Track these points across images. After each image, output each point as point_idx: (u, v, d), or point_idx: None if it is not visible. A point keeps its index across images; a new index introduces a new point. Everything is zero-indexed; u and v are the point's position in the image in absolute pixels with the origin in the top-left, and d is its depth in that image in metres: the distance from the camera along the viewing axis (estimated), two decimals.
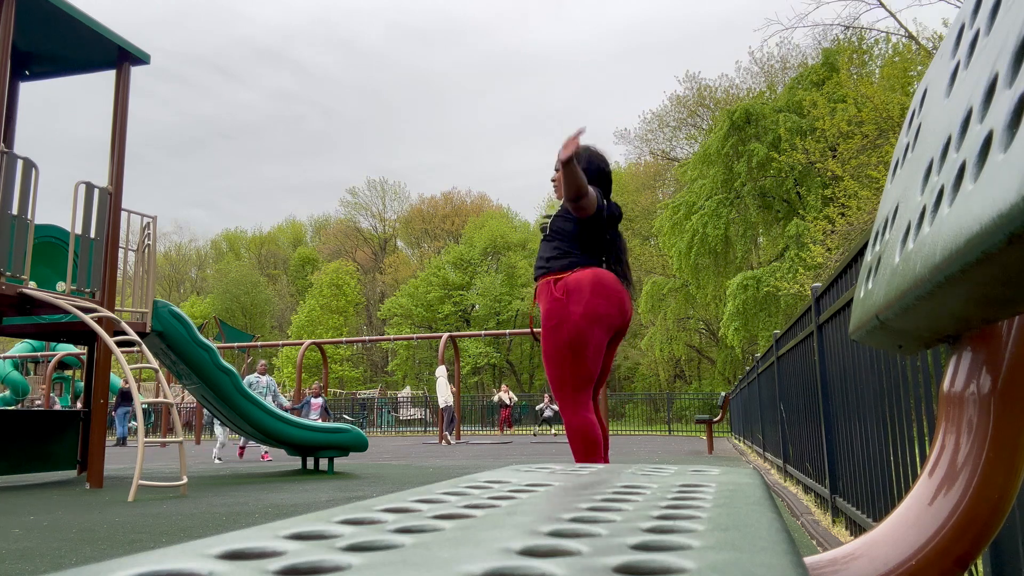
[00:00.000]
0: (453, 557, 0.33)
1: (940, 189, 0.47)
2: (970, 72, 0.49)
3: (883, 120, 17.54)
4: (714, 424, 12.75)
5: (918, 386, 2.29)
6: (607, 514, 0.45)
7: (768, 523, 0.42)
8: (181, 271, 59.56)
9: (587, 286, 3.12)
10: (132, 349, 7.45)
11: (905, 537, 0.57)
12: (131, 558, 0.33)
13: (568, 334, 3.09)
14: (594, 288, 3.13)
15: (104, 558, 2.98)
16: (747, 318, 23.50)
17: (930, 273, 0.44)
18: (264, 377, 11.53)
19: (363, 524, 0.42)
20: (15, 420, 8.09)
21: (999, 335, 0.55)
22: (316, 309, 45.99)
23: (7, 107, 7.62)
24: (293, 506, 5.35)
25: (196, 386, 8.50)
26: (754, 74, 31.06)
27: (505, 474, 0.75)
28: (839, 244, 17.12)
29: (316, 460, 9.16)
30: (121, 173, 7.82)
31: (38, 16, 7.29)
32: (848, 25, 22.33)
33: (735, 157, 24.94)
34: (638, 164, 40.25)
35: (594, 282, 3.14)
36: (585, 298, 3.11)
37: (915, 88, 5.49)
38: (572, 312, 3.10)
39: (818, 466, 4.62)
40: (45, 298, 6.53)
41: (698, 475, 0.71)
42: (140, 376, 19.32)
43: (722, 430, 21.44)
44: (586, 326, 3.09)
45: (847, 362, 3.49)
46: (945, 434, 0.59)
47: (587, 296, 3.11)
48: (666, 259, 30.69)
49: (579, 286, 3.14)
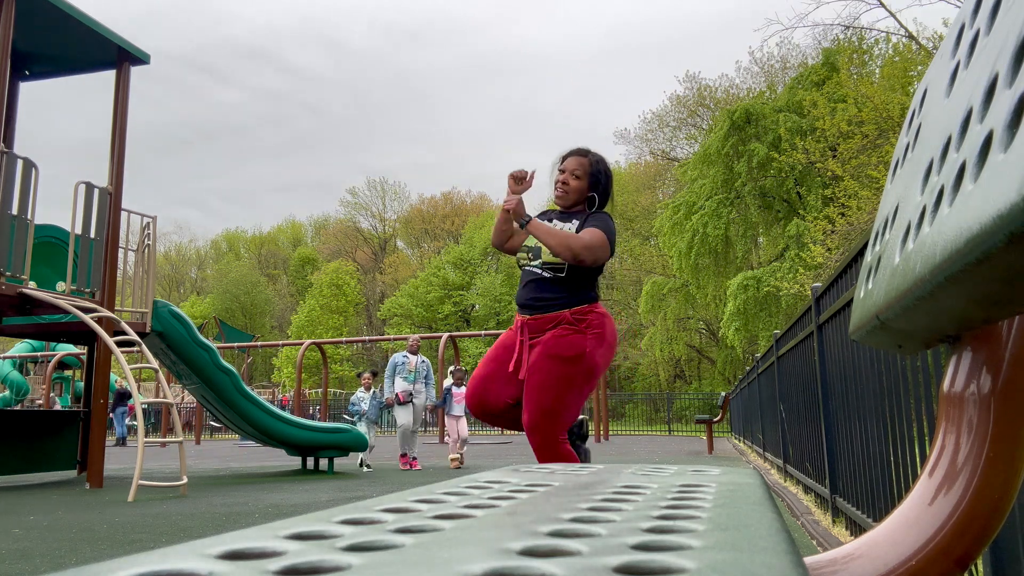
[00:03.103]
0: (453, 557, 0.33)
1: (940, 189, 0.47)
2: (970, 72, 0.49)
3: (883, 120, 17.54)
4: (714, 424, 12.75)
5: (918, 386, 2.29)
6: (607, 514, 0.45)
7: (768, 523, 0.42)
8: (181, 271, 59.56)
9: (609, 333, 3.12)
10: (132, 349, 7.45)
11: (905, 537, 0.57)
12: (131, 558, 0.33)
13: (585, 369, 3.04)
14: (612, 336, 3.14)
15: (104, 558, 2.98)
16: (747, 318, 23.50)
17: (930, 273, 0.44)
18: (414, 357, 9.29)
19: (363, 524, 0.42)
20: (15, 420, 8.09)
21: (999, 335, 0.55)
22: (316, 309, 45.99)
23: (7, 107, 7.62)
24: (293, 506, 5.35)
25: (196, 386, 8.50)
26: (754, 74, 31.09)
27: (505, 474, 0.75)
28: (839, 244, 17.11)
29: (316, 460, 9.16)
30: (121, 173, 7.82)
31: (38, 16, 7.29)
32: (848, 25, 22.35)
33: (735, 157, 24.94)
34: (638, 164, 40.26)
35: (612, 330, 3.15)
36: (607, 342, 3.10)
37: (915, 88, 5.49)
38: (593, 351, 3.06)
39: (818, 466, 4.62)
40: (45, 298, 6.53)
41: (698, 475, 0.71)
42: (140, 376, 19.31)
43: (722, 430, 21.43)
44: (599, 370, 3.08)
45: (847, 362, 3.49)
46: (945, 434, 0.59)
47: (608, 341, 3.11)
48: (666, 259, 30.69)
49: (602, 328, 3.11)
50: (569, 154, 3.32)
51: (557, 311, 3.09)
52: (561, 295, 3.11)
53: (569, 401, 3.05)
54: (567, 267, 3.12)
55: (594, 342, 3.06)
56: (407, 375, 9.09)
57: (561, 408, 3.04)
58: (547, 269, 3.14)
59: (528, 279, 3.18)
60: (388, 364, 9.27)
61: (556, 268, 3.14)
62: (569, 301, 3.11)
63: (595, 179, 3.27)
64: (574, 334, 3.06)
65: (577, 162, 3.27)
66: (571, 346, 3.05)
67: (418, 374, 9.17)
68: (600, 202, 3.29)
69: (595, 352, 3.06)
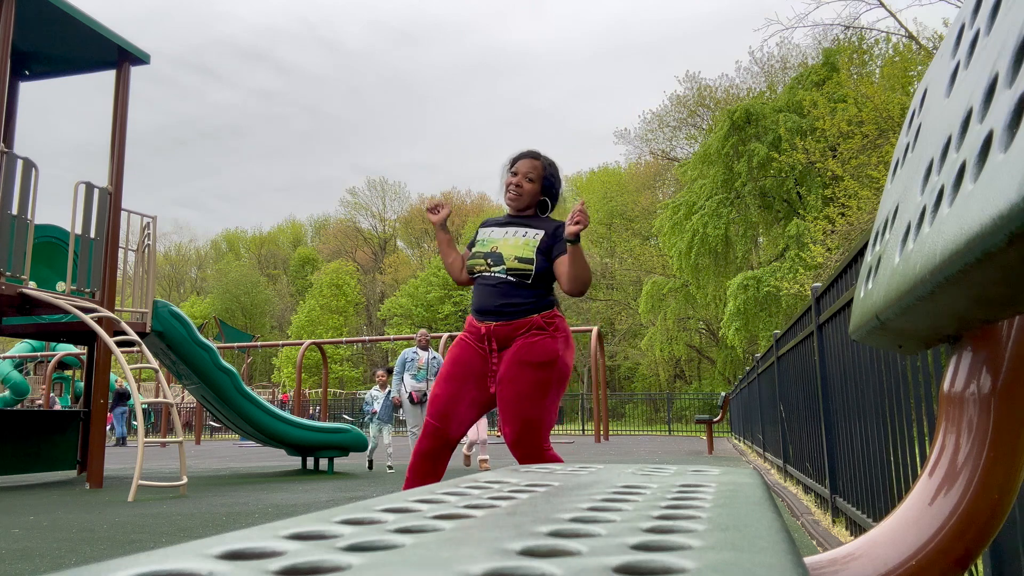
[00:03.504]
0: (453, 557, 0.33)
1: (940, 189, 0.47)
2: (970, 72, 0.49)
3: (883, 120, 17.54)
4: (714, 424, 12.75)
5: (918, 386, 2.29)
6: (607, 514, 0.45)
7: (768, 523, 0.42)
8: (181, 271, 59.58)
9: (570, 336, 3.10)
10: (132, 349, 7.45)
11: (905, 537, 0.57)
12: (131, 558, 0.33)
13: (559, 374, 3.01)
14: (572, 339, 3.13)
15: (104, 558, 2.98)
16: (747, 318, 23.51)
17: (930, 273, 0.44)
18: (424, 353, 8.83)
19: (363, 524, 0.42)
20: (15, 420, 8.09)
21: (999, 335, 0.55)
22: (316, 309, 46.01)
23: (7, 107, 7.62)
24: (293, 506, 5.35)
25: (196, 386, 8.50)
26: (754, 74, 31.10)
27: (505, 474, 0.75)
28: (839, 244, 17.12)
29: (316, 460, 9.16)
30: (121, 173, 7.82)
31: (38, 16, 7.29)
32: (848, 25, 22.34)
33: (735, 157, 24.95)
34: (638, 164, 40.28)
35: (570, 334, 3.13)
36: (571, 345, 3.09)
37: (915, 88, 5.50)
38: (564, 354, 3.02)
39: (818, 466, 4.62)
40: (45, 298, 6.53)
41: (698, 475, 0.71)
42: (140, 376, 19.31)
43: (722, 430, 21.44)
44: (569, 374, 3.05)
45: (847, 362, 3.49)
46: (945, 434, 0.59)
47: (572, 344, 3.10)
48: (666, 259, 30.70)
49: (567, 332, 3.08)
50: (520, 156, 3.25)
51: (527, 316, 3.02)
52: (530, 300, 3.05)
53: (548, 407, 2.99)
54: (533, 273, 3.06)
55: (563, 345, 3.03)
56: (416, 372, 8.66)
57: (543, 415, 2.98)
58: (512, 275, 3.06)
59: (490, 285, 3.08)
60: (397, 360, 8.86)
61: (522, 274, 3.06)
62: (538, 305, 3.05)
63: (548, 183, 3.23)
64: (546, 339, 3.00)
65: (530, 165, 3.20)
66: (544, 351, 2.99)
67: (429, 371, 8.66)
68: (552, 206, 3.26)
69: (566, 355, 3.03)
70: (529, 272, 3.04)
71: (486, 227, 3.25)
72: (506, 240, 3.12)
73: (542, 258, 3.07)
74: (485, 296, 3.06)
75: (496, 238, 3.16)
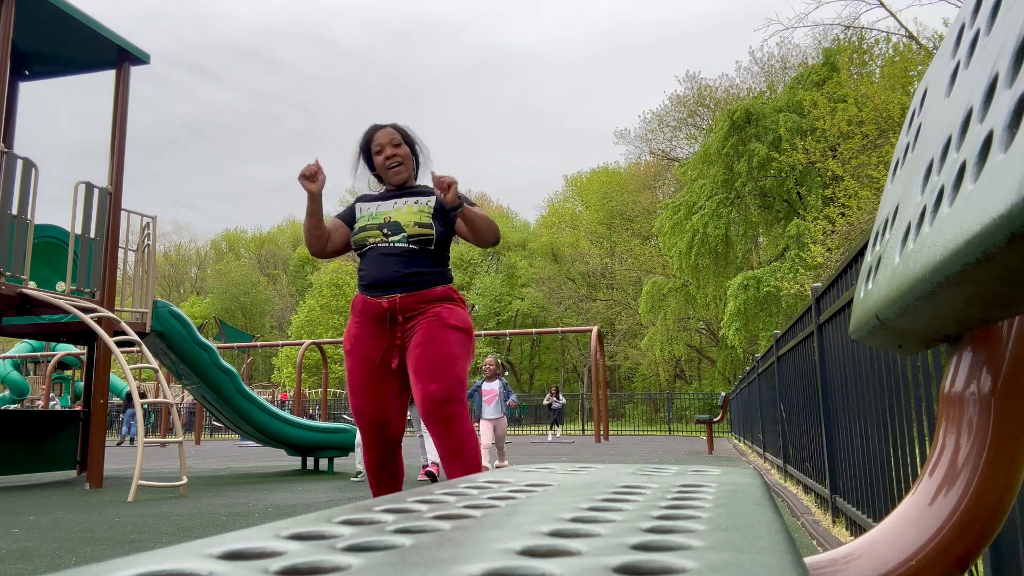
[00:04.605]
0: (453, 557, 0.33)
1: (940, 189, 0.47)
2: (970, 72, 0.49)
3: (883, 120, 17.54)
4: (714, 424, 12.74)
5: (918, 386, 2.29)
6: (607, 514, 0.45)
7: (768, 523, 0.42)
8: (181, 271, 59.56)
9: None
10: (132, 349, 7.45)
11: (905, 537, 0.57)
12: (131, 558, 0.33)
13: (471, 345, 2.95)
14: None
15: (104, 558, 2.98)
16: (748, 318, 23.51)
17: (930, 273, 0.44)
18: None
19: (363, 524, 0.42)
20: (15, 420, 8.09)
21: (999, 335, 0.55)
22: (316, 309, 45.99)
23: (7, 107, 7.62)
24: (293, 506, 5.35)
25: (196, 386, 8.50)
26: (754, 74, 31.11)
27: (505, 474, 0.75)
28: (839, 244, 17.12)
29: (316, 460, 9.16)
30: (121, 173, 7.82)
31: (38, 16, 7.29)
32: (848, 25, 22.35)
33: (735, 157, 24.95)
34: (638, 164, 40.26)
35: None
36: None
37: (915, 88, 5.49)
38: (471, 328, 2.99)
39: (818, 466, 4.62)
40: (45, 298, 6.53)
41: (698, 475, 0.71)
42: (140, 376, 19.31)
43: (722, 430, 21.43)
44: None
45: (847, 362, 3.49)
46: (945, 434, 0.59)
47: None
48: (666, 259, 30.69)
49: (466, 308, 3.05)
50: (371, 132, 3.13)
51: (432, 287, 2.92)
52: (435, 268, 2.95)
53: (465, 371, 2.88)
54: (435, 238, 2.94)
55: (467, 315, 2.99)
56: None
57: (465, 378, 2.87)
58: (414, 242, 2.93)
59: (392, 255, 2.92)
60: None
61: (425, 240, 2.94)
62: (443, 274, 2.98)
63: (410, 142, 3.15)
64: (457, 307, 2.94)
65: (389, 134, 3.10)
66: (462, 318, 2.93)
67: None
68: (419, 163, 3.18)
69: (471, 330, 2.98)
70: (431, 237, 2.94)
71: (366, 202, 3.12)
72: (399, 210, 3.00)
73: (439, 224, 2.98)
74: (387, 267, 2.91)
75: (386, 210, 3.02)
